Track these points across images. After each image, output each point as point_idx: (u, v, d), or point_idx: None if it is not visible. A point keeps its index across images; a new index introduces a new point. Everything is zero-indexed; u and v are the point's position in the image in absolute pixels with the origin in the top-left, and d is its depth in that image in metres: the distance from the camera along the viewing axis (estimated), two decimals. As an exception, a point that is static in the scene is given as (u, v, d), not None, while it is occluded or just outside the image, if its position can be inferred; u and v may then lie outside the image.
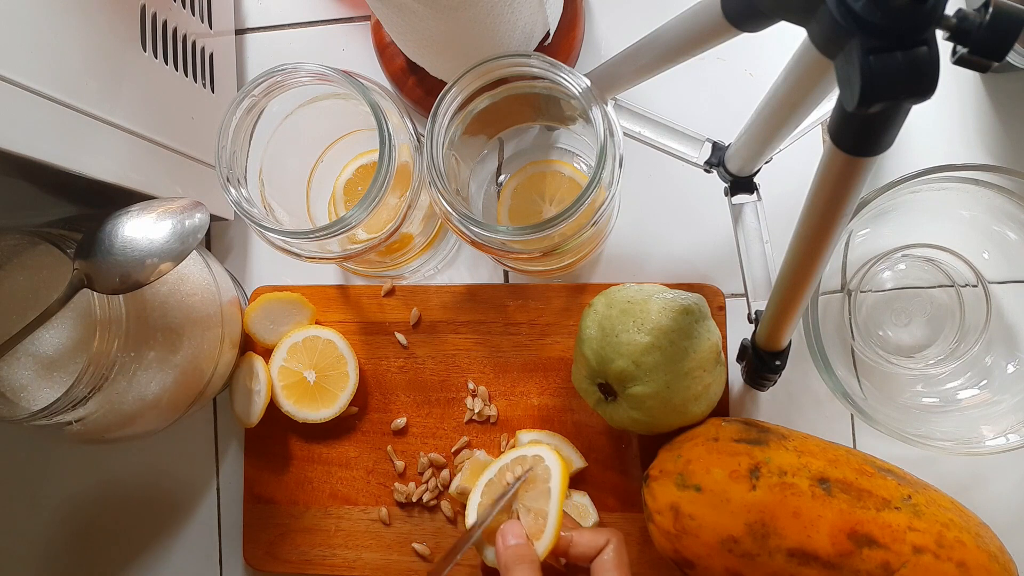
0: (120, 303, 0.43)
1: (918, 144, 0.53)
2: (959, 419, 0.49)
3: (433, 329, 0.56)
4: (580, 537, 0.45)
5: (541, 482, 0.46)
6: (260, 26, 0.61)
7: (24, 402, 0.43)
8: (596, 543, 0.44)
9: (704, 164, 0.50)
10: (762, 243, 0.49)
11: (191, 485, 0.59)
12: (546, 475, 0.46)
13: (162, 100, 0.48)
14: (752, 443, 0.45)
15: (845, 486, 0.42)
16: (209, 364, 0.50)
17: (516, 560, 0.42)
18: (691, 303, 0.46)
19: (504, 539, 0.44)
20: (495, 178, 0.52)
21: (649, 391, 0.45)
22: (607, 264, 0.56)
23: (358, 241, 0.46)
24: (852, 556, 0.41)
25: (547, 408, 0.54)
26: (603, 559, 0.43)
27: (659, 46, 0.36)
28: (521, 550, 0.43)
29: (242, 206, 0.42)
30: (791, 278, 0.36)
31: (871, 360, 0.52)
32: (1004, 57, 0.24)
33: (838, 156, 0.28)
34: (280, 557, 0.55)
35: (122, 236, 0.42)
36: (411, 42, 0.50)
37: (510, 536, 0.44)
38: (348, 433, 0.56)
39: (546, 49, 0.53)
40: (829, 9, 0.24)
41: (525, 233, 0.39)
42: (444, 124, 0.41)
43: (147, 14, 0.47)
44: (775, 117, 0.37)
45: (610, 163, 0.40)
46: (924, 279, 0.52)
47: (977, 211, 0.50)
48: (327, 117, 0.50)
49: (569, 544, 0.44)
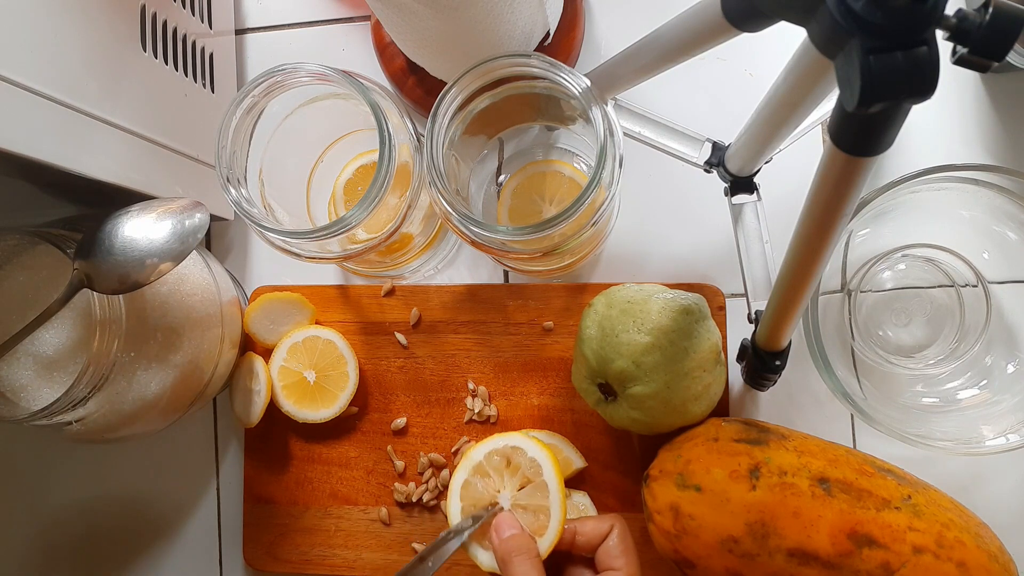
0: (120, 303, 0.43)
1: (918, 144, 0.53)
2: (959, 419, 0.49)
3: (433, 329, 0.56)
4: (584, 526, 0.43)
5: (532, 476, 0.45)
6: (260, 26, 0.61)
7: (24, 402, 0.43)
8: (600, 530, 0.43)
9: (704, 164, 0.50)
10: (762, 243, 0.49)
11: (191, 485, 0.59)
12: (535, 468, 0.45)
13: (162, 100, 0.48)
14: (752, 443, 0.45)
15: (845, 486, 0.42)
16: (209, 364, 0.50)
17: (514, 552, 0.41)
18: (691, 303, 0.46)
19: (499, 532, 0.42)
20: (495, 178, 0.52)
21: (649, 391, 0.45)
22: (607, 264, 0.56)
23: (358, 241, 0.46)
24: (852, 556, 0.41)
25: (547, 408, 0.54)
26: (608, 545, 0.42)
27: (659, 46, 0.36)
28: (518, 541, 0.41)
29: (242, 206, 0.42)
30: (791, 278, 0.36)
31: (871, 360, 0.52)
32: (1004, 57, 0.24)
33: (838, 156, 0.28)
34: (280, 557, 0.55)
35: (122, 236, 0.42)
36: (411, 42, 0.50)
37: (504, 528, 0.42)
38: (348, 433, 0.56)
39: (546, 49, 0.53)
40: (829, 9, 0.24)
41: (525, 233, 0.39)
42: (444, 124, 0.41)
43: (147, 14, 0.47)
44: (775, 117, 0.37)
45: (610, 163, 0.40)
46: (924, 279, 0.52)
47: (977, 211, 0.50)
48: (327, 117, 0.50)
49: (574, 535, 0.43)
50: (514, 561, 0.40)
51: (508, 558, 0.41)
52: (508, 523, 0.42)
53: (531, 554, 0.41)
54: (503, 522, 0.42)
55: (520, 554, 0.41)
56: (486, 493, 0.45)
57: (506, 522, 0.42)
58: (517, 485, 0.45)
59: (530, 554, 0.41)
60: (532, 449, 0.46)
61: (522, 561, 0.40)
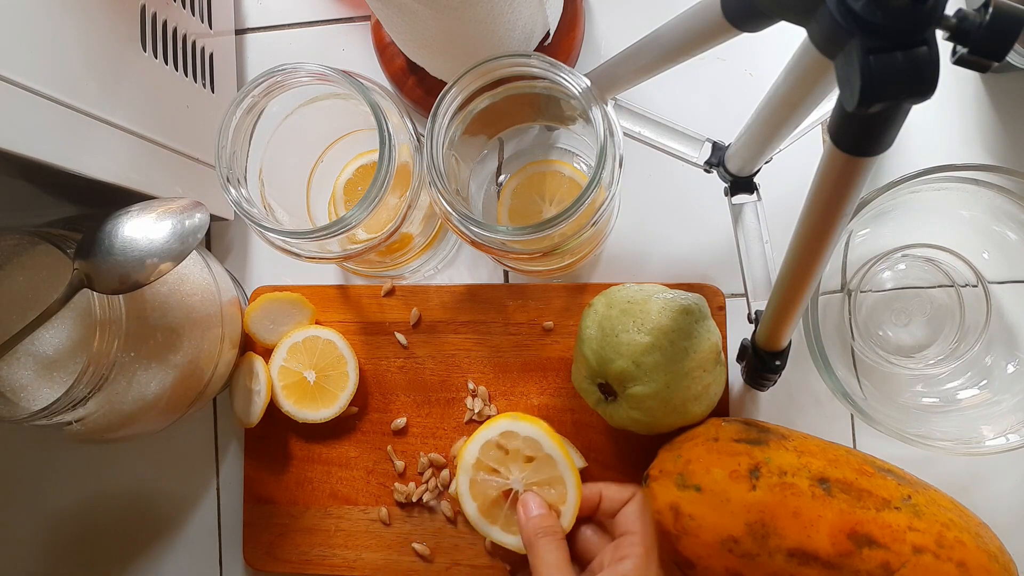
0: (120, 303, 0.43)
1: (918, 144, 0.53)
2: (959, 419, 0.49)
3: (433, 329, 0.56)
4: (608, 490, 0.44)
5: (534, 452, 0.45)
6: (260, 26, 0.61)
7: (24, 402, 0.43)
8: (623, 495, 0.44)
9: (704, 164, 0.50)
10: (762, 243, 0.49)
11: (191, 485, 0.59)
12: (532, 445, 0.45)
13: (162, 100, 0.48)
14: (752, 443, 0.45)
15: (845, 486, 0.42)
16: (209, 364, 0.50)
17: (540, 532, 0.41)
18: (691, 303, 0.46)
19: (526, 511, 0.42)
20: (495, 178, 0.52)
21: (649, 391, 0.45)
22: (607, 264, 0.56)
23: (358, 241, 0.46)
24: (852, 556, 0.41)
25: (547, 408, 0.54)
26: (628, 511, 0.43)
27: (659, 46, 0.36)
28: (544, 520, 0.41)
29: (242, 206, 0.42)
30: (791, 278, 0.36)
31: (871, 360, 0.52)
32: (1004, 57, 0.24)
33: (838, 156, 0.28)
34: (280, 557, 0.55)
35: (122, 236, 0.42)
36: (411, 42, 0.50)
37: (532, 506, 0.42)
38: (348, 433, 0.56)
39: (546, 49, 0.53)
40: (829, 9, 0.24)
41: (525, 233, 0.39)
42: (444, 124, 0.41)
43: (147, 14, 0.47)
44: (775, 117, 0.37)
45: (610, 163, 0.40)
46: (924, 279, 0.52)
47: (977, 211, 0.50)
48: (327, 117, 0.50)
49: (599, 497, 0.43)
50: (540, 542, 0.41)
51: (534, 539, 0.41)
52: (534, 503, 0.43)
53: (557, 535, 0.41)
54: (528, 502, 0.43)
55: (546, 535, 0.41)
56: (496, 485, 0.46)
57: (533, 501, 0.43)
58: (522, 467, 0.45)
59: (556, 535, 0.41)
60: (522, 428, 0.46)
61: (548, 543, 0.41)
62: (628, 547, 0.42)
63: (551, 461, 0.45)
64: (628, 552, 0.42)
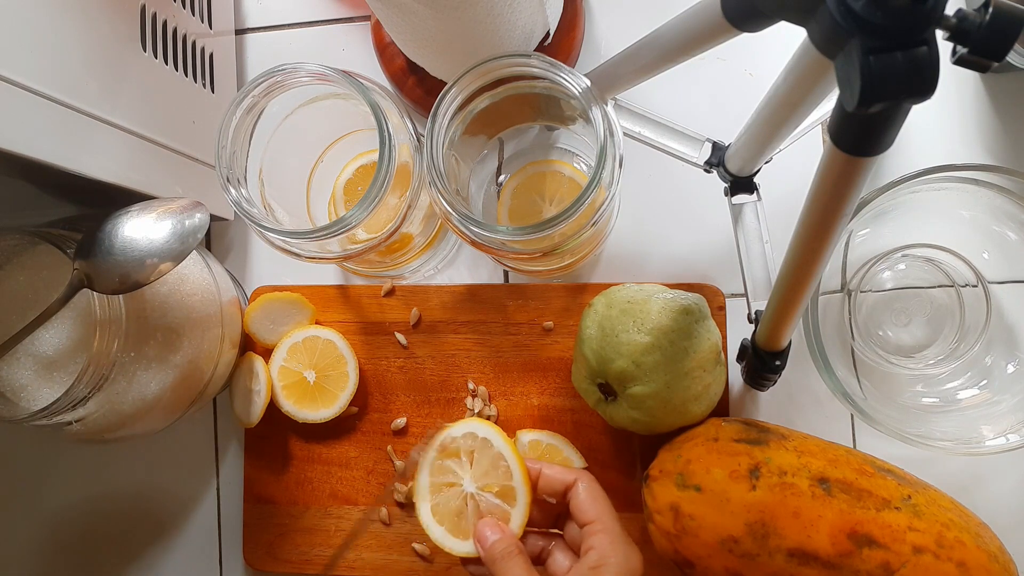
0: (120, 303, 0.43)
1: (918, 144, 0.53)
2: (959, 419, 0.49)
3: (433, 329, 0.56)
4: (550, 470, 0.44)
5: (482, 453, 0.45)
6: (260, 26, 0.61)
7: (24, 402, 0.43)
8: (566, 478, 0.43)
9: (704, 164, 0.50)
10: (762, 243, 0.49)
11: (191, 485, 0.59)
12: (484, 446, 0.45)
13: (162, 100, 0.48)
14: (752, 443, 0.45)
15: (845, 486, 0.42)
16: (209, 364, 0.50)
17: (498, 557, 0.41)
18: (691, 303, 0.46)
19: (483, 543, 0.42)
20: (495, 178, 0.52)
21: (649, 391, 0.45)
22: (607, 264, 0.56)
23: (358, 241, 0.46)
24: (852, 556, 0.41)
25: (547, 408, 0.54)
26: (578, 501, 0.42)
27: (659, 46, 0.36)
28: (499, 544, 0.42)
29: (242, 206, 0.42)
30: (791, 278, 0.36)
31: (871, 360, 0.52)
32: (1004, 57, 0.24)
33: (838, 156, 0.28)
34: (280, 557, 0.55)
35: (122, 236, 0.42)
36: (411, 42, 0.50)
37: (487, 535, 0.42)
38: (348, 433, 0.56)
39: (546, 49, 0.53)
40: (829, 9, 0.24)
41: (525, 233, 0.39)
42: (444, 124, 0.41)
43: (147, 14, 0.47)
44: (775, 117, 0.37)
45: (610, 163, 0.40)
46: (924, 279, 0.52)
47: (977, 211, 0.50)
48: (327, 117, 0.50)
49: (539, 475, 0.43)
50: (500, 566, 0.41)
51: (496, 558, 0.41)
52: (490, 527, 0.43)
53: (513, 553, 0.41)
54: (482, 532, 0.43)
55: (503, 558, 0.41)
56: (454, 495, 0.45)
57: (488, 527, 0.43)
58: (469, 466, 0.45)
59: (512, 553, 0.41)
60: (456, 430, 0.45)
61: (505, 563, 0.41)
62: (590, 537, 0.42)
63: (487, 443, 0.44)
64: (592, 543, 0.42)
